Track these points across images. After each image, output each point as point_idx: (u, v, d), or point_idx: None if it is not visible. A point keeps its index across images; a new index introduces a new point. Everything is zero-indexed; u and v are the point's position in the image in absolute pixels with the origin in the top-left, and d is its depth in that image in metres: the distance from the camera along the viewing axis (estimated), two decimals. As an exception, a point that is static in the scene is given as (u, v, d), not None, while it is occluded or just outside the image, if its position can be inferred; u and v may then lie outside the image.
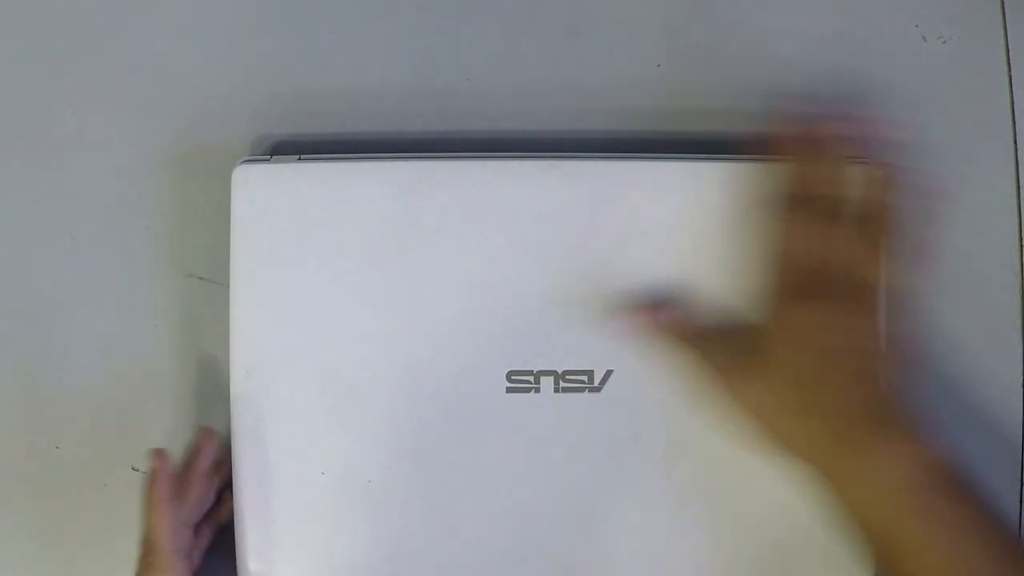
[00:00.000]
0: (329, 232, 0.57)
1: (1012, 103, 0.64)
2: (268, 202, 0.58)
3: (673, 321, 0.55)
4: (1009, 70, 0.64)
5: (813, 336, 0.51)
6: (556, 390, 0.57)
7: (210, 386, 0.63)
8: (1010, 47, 0.64)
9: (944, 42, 0.64)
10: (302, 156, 0.59)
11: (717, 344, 0.54)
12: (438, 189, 0.57)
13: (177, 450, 0.62)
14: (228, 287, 0.59)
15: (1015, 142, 0.64)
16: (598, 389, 0.57)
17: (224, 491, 0.61)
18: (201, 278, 0.63)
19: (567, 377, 0.57)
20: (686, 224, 0.57)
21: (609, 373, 0.57)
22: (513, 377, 0.57)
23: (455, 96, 0.62)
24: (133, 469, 0.63)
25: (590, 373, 0.57)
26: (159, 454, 0.58)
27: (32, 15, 0.64)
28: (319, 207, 0.58)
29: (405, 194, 0.57)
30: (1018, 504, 0.63)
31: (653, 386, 0.57)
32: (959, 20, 0.63)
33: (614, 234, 0.57)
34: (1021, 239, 0.63)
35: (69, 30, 0.64)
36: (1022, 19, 0.64)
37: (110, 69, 0.64)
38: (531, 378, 0.57)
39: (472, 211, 0.57)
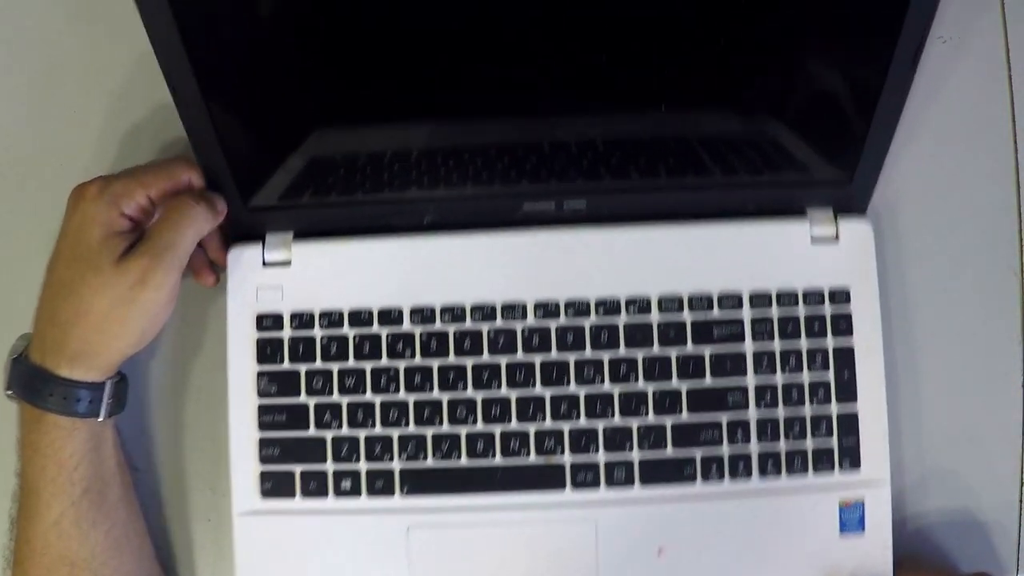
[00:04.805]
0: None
1: (1012, 103, 0.63)
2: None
3: None
4: (1009, 70, 0.63)
5: None
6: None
7: (209, 385, 0.62)
8: (1010, 47, 0.63)
9: (944, 42, 0.63)
10: (296, 233, 0.60)
11: None
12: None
13: (175, 451, 0.62)
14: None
15: (1015, 142, 0.63)
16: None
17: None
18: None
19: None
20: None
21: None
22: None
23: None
24: (134, 469, 0.61)
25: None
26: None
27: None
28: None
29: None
30: (1018, 504, 0.62)
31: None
32: (959, 20, 0.63)
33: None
34: (1021, 239, 0.63)
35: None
36: (1022, 19, 0.63)
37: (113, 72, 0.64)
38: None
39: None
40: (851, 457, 0.58)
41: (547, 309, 0.59)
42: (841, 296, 0.59)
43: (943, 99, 0.63)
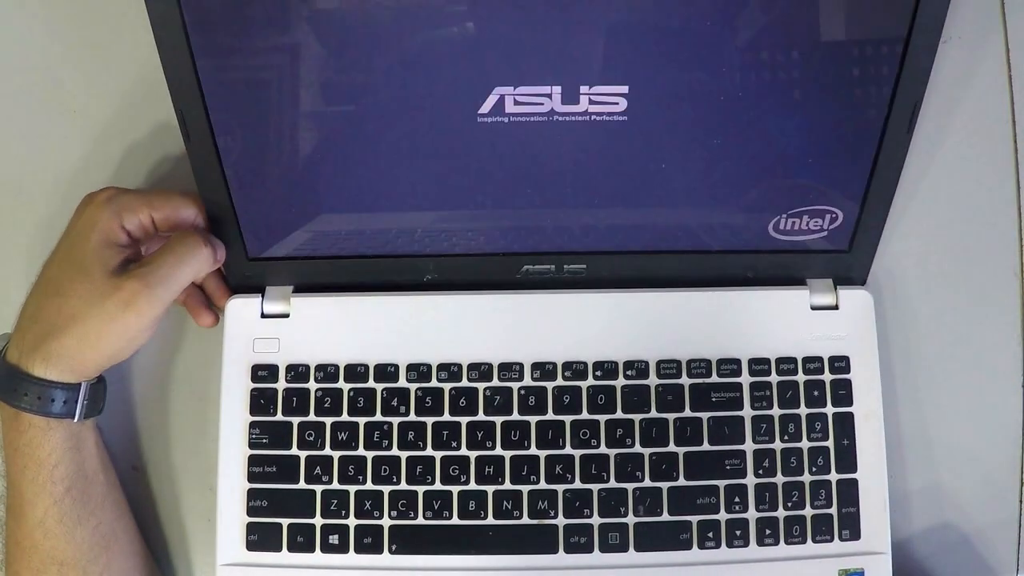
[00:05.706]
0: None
1: (1012, 103, 0.64)
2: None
3: None
4: (1009, 70, 0.64)
5: None
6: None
7: (207, 385, 0.61)
8: (1010, 47, 0.64)
9: (944, 42, 0.63)
10: (296, 287, 0.60)
11: None
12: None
13: (173, 450, 0.62)
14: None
15: (1015, 142, 0.64)
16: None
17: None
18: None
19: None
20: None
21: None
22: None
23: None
24: (133, 469, 0.61)
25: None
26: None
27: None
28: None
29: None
30: (1018, 504, 0.61)
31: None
32: (959, 20, 0.64)
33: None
34: (1021, 239, 0.63)
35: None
36: (1022, 19, 0.64)
37: (117, 77, 0.65)
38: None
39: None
40: (851, 526, 0.57)
41: (544, 370, 0.59)
42: (841, 363, 0.59)
43: (943, 99, 0.64)
